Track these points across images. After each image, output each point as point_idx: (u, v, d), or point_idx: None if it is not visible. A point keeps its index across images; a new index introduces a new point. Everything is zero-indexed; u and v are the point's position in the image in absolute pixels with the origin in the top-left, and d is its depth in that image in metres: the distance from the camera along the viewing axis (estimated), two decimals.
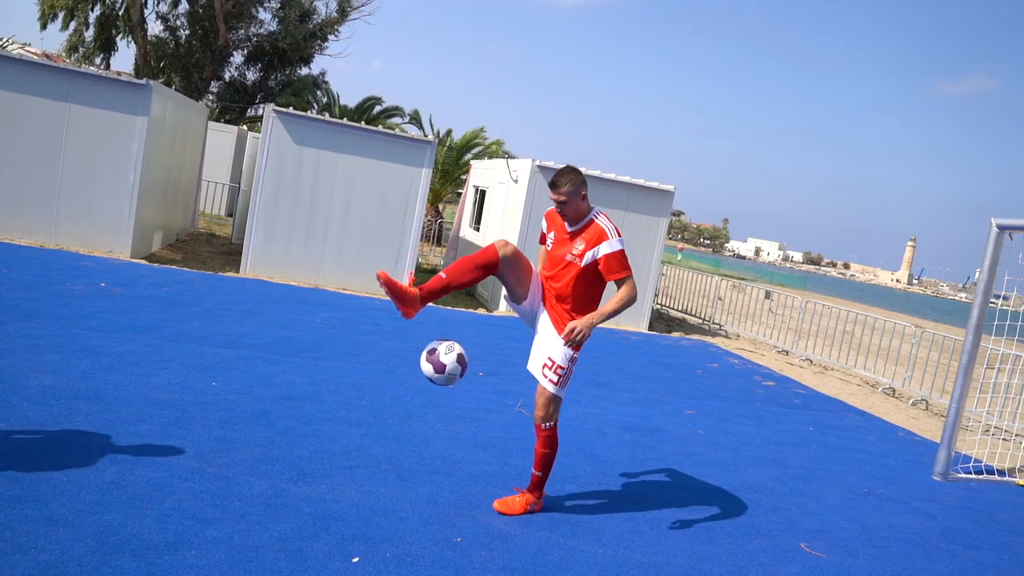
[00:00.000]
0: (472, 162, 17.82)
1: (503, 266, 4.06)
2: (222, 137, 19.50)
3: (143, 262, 10.68)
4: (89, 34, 28.10)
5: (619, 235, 4.17)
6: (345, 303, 10.07)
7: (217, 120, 24.71)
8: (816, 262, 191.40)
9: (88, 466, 3.96)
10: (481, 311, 11.98)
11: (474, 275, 4.07)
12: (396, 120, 25.57)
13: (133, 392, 5.16)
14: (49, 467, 3.88)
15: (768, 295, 18.50)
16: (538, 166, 11.96)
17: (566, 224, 4.24)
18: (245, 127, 24.58)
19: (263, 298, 9.35)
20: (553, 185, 4.14)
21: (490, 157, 20.90)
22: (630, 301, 4.14)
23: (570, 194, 4.11)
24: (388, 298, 4.09)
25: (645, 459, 5.74)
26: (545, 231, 4.40)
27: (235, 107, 29.34)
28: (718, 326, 15.09)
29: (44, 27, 27.87)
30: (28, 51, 38.11)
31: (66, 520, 3.40)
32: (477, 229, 14.93)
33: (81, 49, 28.02)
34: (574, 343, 4.11)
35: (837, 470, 6.33)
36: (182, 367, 5.92)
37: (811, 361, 12.79)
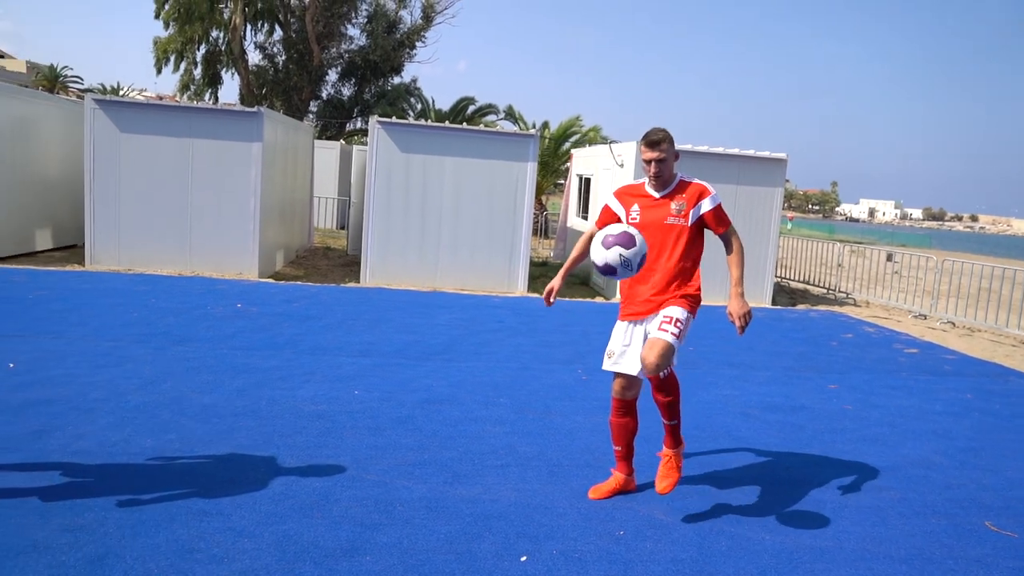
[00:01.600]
0: (573, 151, 17.70)
1: None
2: (327, 153, 20.16)
3: (271, 280, 11.17)
4: (197, 72, 29.64)
5: None
6: (466, 303, 10.20)
7: (319, 138, 25.60)
8: (939, 217, 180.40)
9: (257, 479, 4.15)
10: (599, 299, 11.88)
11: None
12: (491, 118, 25.76)
13: (285, 406, 5.37)
14: (223, 482, 4.08)
15: (891, 257, 17.52)
16: None
17: (652, 191, 4.10)
18: (343, 141, 25.35)
19: (387, 305, 9.59)
20: (653, 144, 3.98)
21: (589, 144, 20.70)
22: (744, 253, 4.14)
23: (669, 152, 4.00)
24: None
25: (795, 439, 5.52)
26: (620, 209, 4.17)
27: (335, 123, 30.29)
28: (845, 294, 14.41)
29: (159, 71, 29.64)
30: (144, 95, 40.70)
31: (248, 531, 3.56)
32: (585, 218, 14.81)
33: (192, 87, 29.59)
34: (746, 325, 3.96)
35: (1010, 440, 5.89)
36: (324, 378, 6.13)
37: (953, 324, 12.01)
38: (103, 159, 11.14)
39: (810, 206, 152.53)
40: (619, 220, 4.16)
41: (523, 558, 3.49)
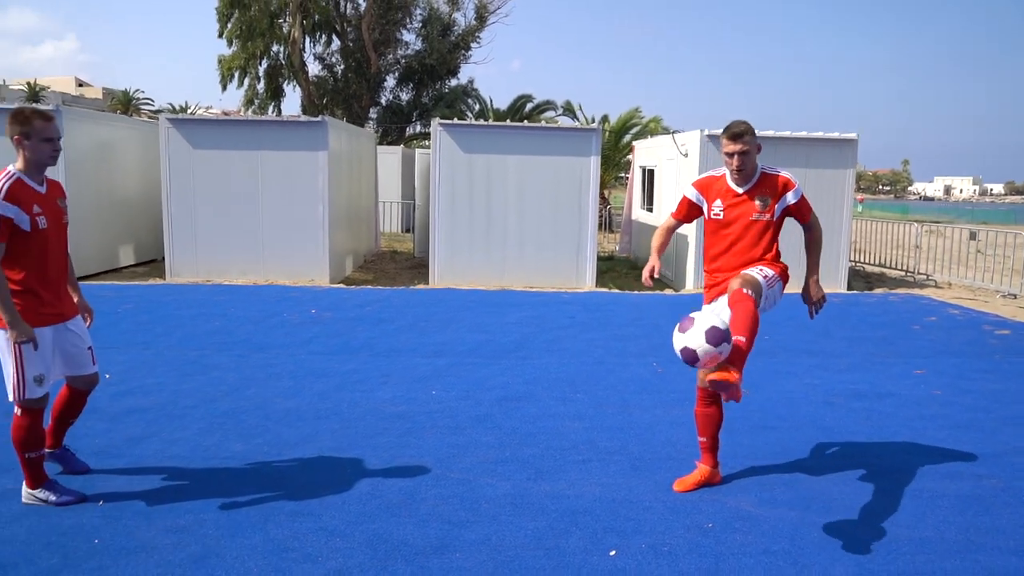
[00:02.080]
0: (634, 143, 17.53)
1: None
2: (389, 158, 20.45)
3: (341, 286, 11.39)
4: (260, 86, 30.47)
5: None
6: (535, 300, 10.20)
7: (380, 143, 26.00)
8: (1023, 192, 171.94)
9: (344, 480, 4.23)
10: (668, 291, 11.74)
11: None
12: (549, 114, 25.72)
13: (366, 408, 5.47)
14: (312, 483, 4.18)
15: (973, 235, 16.78)
16: (708, 136, 11.54)
17: (734, 184, 4.01)
18: (404, 146, 25.68)
19: (457, 305, 9.67)
20: (736, 136, 3.90)
21: (650, 136, 20.47)
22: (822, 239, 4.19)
23: (751, 144, 3.92)
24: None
25: (883, 427, 5.34)
26: (702, 202, 4.09)
27: (395, 128, 30.73)
28: (925, 276, 13.88)
29: (224, 88, 30.62)
30: (210, 112, 42.02)
31: (339, 531, 3.64)
32: (650, 210, 14.66)
33: (256, 101, 30.45)
34: (821, 308, 4.01)
35: None
36: (402, 380, 6.21)
37: None
38: (178, 175, 11.55)
39: (880, 187, 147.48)
40: (700, 212, 4.12)
41: (612, 552, 3.48)
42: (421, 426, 5.11)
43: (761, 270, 3.90)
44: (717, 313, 3.74)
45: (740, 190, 4.01)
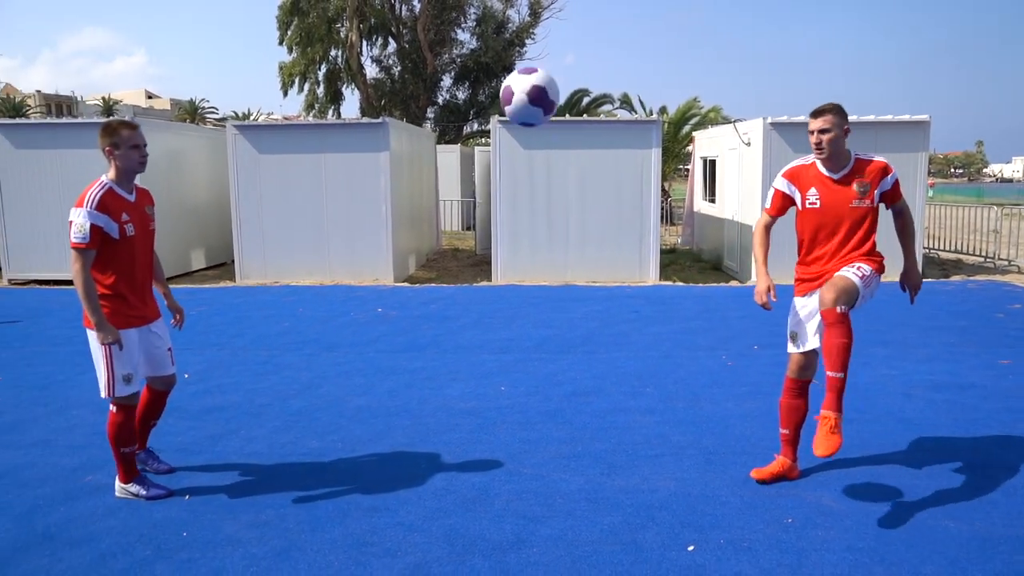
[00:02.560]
0: (694, 134, 17.27)
1: None
2: (448, 157, 20.60)
3: (405, 285, 11.53)
4: (320, 91, 31.08)
5: None
6: (598, 295, 10.15)
7: (438, 142, 26.22)
8: None
9: (419, 476, 4.28)
10: (734, 283, 11.53)
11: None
12: (607, 107, 25.54)
13: (436, 404, 5.53)
14: (387, 479, 4.24)
15: None
16: (771, 124, 11.28)
17: (828, 171, 3.88)
18: (462, 144, 25.84)
19: (521, 302, 9.68)
20: (817, 113, 3.82)
21: (710, 126, 20.14)
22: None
23: (835, 125, 3.79)
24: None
25: (967, 420, 5.13)
26: (794, 192, 3.94)
27: (452, 127, 30.95)
28: (1007, 262, 13.31)
29: (286, 94, 31.34)
30: (271, 118, 43.00)
31: (417, 526, 3.68)
32: (712, 201, 14.42)
33: (316, 105, 31.06)
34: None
35: None
36: (470, 376, 6.25)
37: None
38: (245, 180, 11.85)
39: (952, 170, 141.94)
40: (792, 204, 3.99)
41: (690, 547, 3.43)
42: (491, 422, 5.13)
43: (859, 268, 3.74)
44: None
45: (836, 176, 3.87)
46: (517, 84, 3.88)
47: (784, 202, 4.01)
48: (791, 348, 4.02)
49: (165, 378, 4.17)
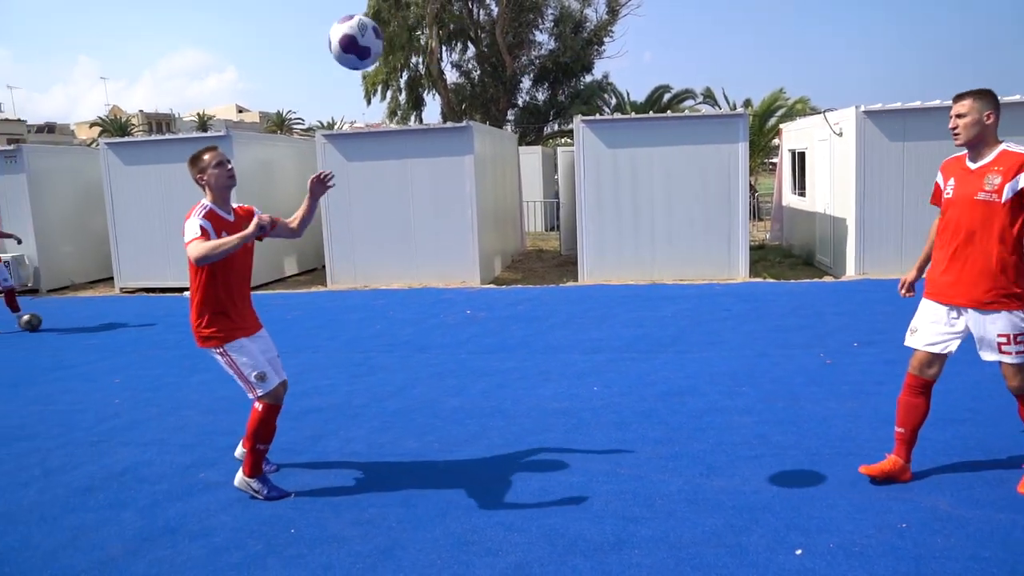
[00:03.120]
0: (781, 126, 16.78)
1: None
2: (530, 159, 20.66)
3: (492, 286, 11.62)
4: (402, 98, 31.67)
5: None
6: (687, 293, 9.98)
7: (519, 144, 26.33)
8: None
9: (516, 475, 4.30)
10: (828, 279, 11.14)
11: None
12: (689, 103, 25.11)
13: (529, 405, 5.54)
14: (485, 479, 4.28)
15: None
16: (865, 112, 10.85)
17: (969, 161, 3.67)
18: (542, 145, 25.86)
19: (609, 301, 9.62)
20: (957, 97, 3.59)
21: (797, 117, 19.53)
22: None
23: (974, 110, 3.52)
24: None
25: None
26: (941, 183, 3.78)
27: (533, 128, 31.03)
28: None
29: (369, 102, 32.07)
30: (354, 126, 44.10)
31: (516, 525, 3.70)
32: (802, 194, 13.97)
33: (398, 112, 31.67)
34: None
35: None
36: (562, 376, 6.25)
37: None
38: (335, 187, 12.16)
39: None
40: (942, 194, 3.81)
41: (798, 551, 3.33)
42: (586, 422, 5.11)
43: (1011, 339, 3.55)
44: None
45: (973, 166, 3.63)
46: (333, 33, 3.82)
47: (936, 192, 3.84)
48: (908, 340, 3.86)
49: (283, 382, 4.25)
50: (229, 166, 4.01)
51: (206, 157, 3.97)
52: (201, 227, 3.83)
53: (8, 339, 9.28)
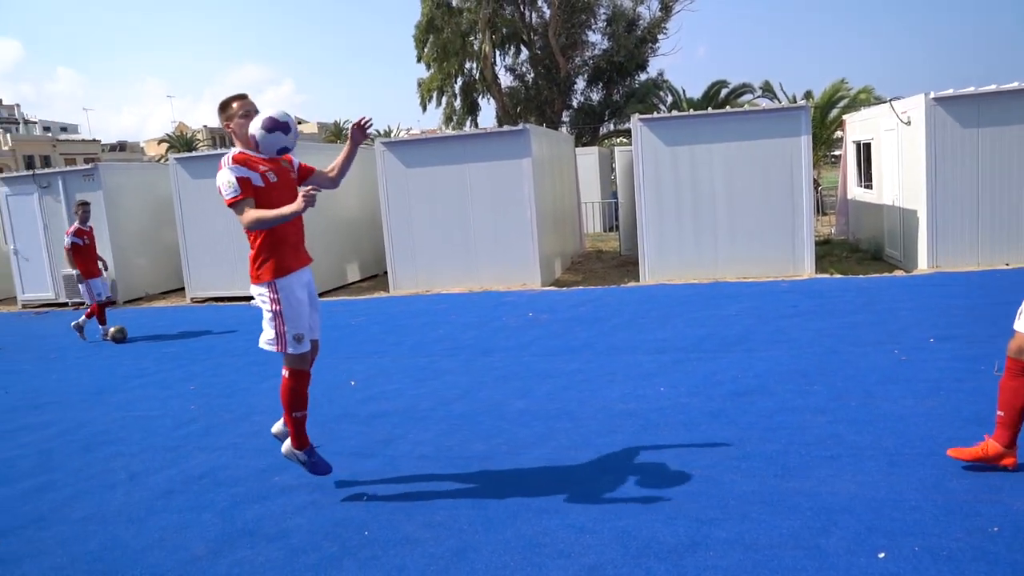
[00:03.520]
0: (845, 117, 16.35)
1: None
2: (587, 160, 20.59)
3: (553, 288, 11.61)
4: (457, 103, 31.94)
5: None
6: (753, 291, 9.79)
7: (575, 145, 26.24)
8: None
9: (585, 477, 4.28)
10: (899, 273, 10.79)
11: None
12: (747, 97, 24.67)
13: (595, 407, 5.52)
14: (554, 480, 4.27)
15: None
16: (935, 99, 10.48)
17: None
18: (598, 146, 25.73)
19: (671, 301, 9.51)
20: None
21: (861, 107, 19.00)
22: None
23: None
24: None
25: None
26: None
27: (588, 129, 30.92)
28: None
29: (425, 109, 32.46)
30: (410, 133, 44.62)
31: (587, 527, 3.68)
32: (868, 187, 13.58)
33: (454, 118, 31.95)
34: None
35: None
36: (627, 377, 6.20)
37: None
38: (395, 194, 12.37)
39: None
40: None
41: (881, 555, 3.22)
42: (654, 423, 5.06)
43: None
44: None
45: None
46: (253, 127, 3.89)
47: None
48: (1016, 324, 3.73)
49: (313, 343, 4.20)
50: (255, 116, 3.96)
51: (234, 105, 3.98)
52: (238, 178, 3.81)
53: (92, 349, 9.68)
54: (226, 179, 3.83)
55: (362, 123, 4.19)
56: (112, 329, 9.85)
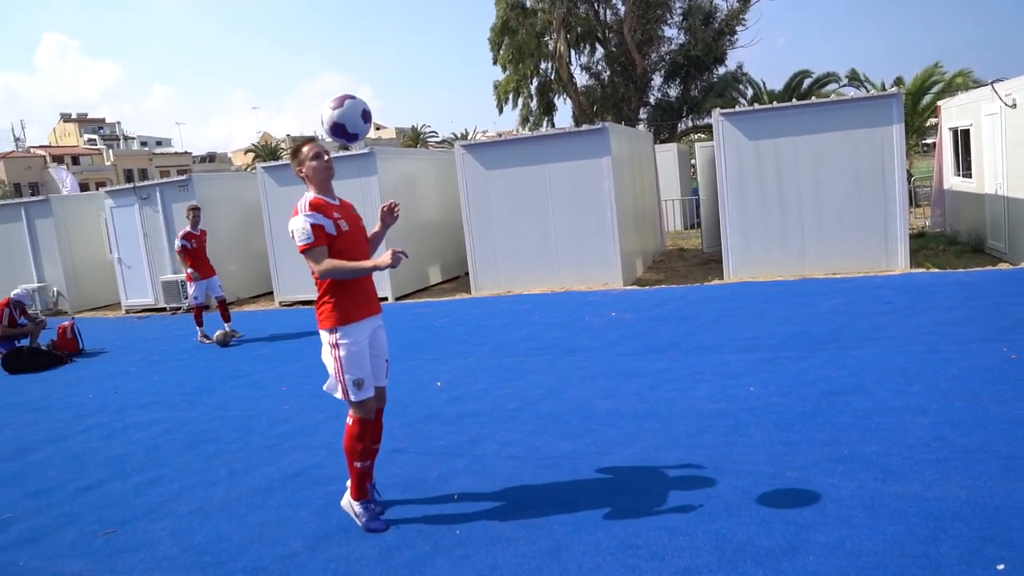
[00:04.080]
0: (939, 103, 15.62)
1: None
2: (665, 156, 20.31)
3: (635, 287, 11.49)
4: (533, 104, 32.01)
5: None
6: (842, 287, 9.46)
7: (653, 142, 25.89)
8: None
9: (676, 478, 4.22)
10: (1003, 266, 10.22)
11: None
12: (832, 87, 23.82)
13: (683, 407, 5.43)
14: (645, 481, 4.22)
15: None
16: None
17: None
18: (677, 143, 25.33)
19: (758, 299, 9.28)
20: None
21: (958, 92, 18.09)
22: None
23: None
24: None
25: None
26: None
27: (666, 126, 30.49)
28: None
29: (501, 111, 32.68)
30: (486, 135, 45.01)
31: (681, 529, 3.63)
32: (967, 175, 12.92)
33: (530, 119, 32.02)
34: None
35: None
36: (715, 377, 6.08)
37: None
38: (475, 196, 12.48)
39: None
40: None
41: (1000, 566, 3.06)
42: (744, 423, 4.95)
43: None
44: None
45: None
46: (324, 115, 3.89)
47: None
48: None
49: (379, 391, 4.13)
50: (326, 157, 4.01)
51: (304, 149, 4.00)
52: (312, 225, 3.81)
53: (191, 351, 10.13)
54: (300, 225, 3.84)
55: (391, 207, 4.20)
56: (219, 333, 10.24)
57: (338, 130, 3.87)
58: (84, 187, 49.52)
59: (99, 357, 10.53)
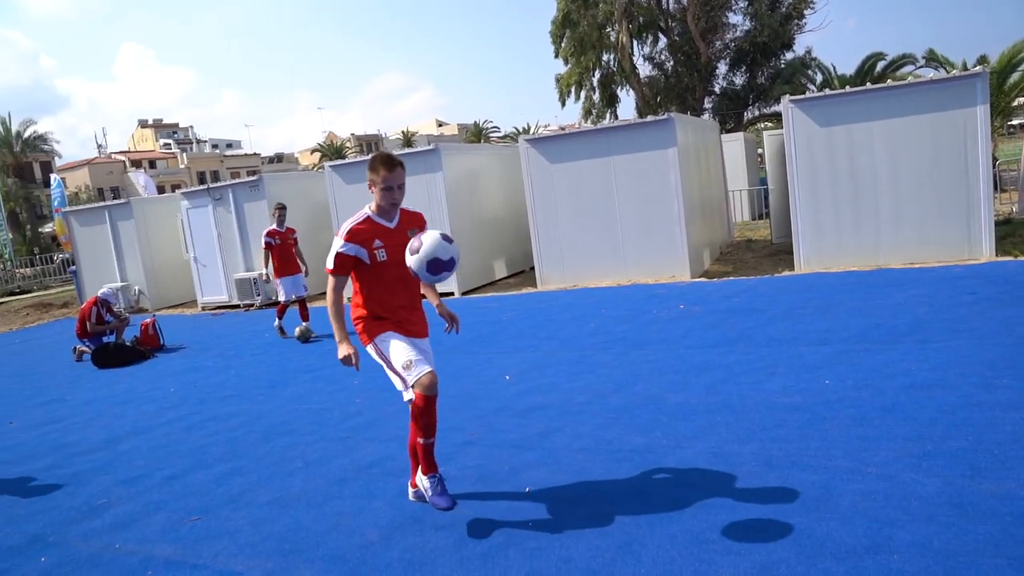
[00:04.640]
0: None
1: None
2: (732, 147, 19.92)
3: (703, 279, 11.32)
4: (596, 96, 31.80)
5: None
6: (921, 277, 9.12)
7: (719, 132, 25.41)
8: None
9: (750, 473, 4.14)
10: None
11: None
12: (908, 69, 22.93)
13: (756, 400, 5.33)
14: (716, 475, 4.16)
15: None
16: None
17: None
18: (743, 132, 24.80)
19: (831, 290, 9.03)
20: None
21: None
22: None
23: None
24: None
25: None
26: None
27: (732, 115, 29.88)
28: None
29: (563, 104, 32.57)
30: (548, 129, 44.91)
31: (756, 524, 3.57)
32: None
33: (593, 111, 31.82)
34: None
35: None
36: (789, 369, 5.95)
37: None
38: (540, 190, 12.48)
39: None
40: None
41: None
42: (820, 417, 4.82)
43: None
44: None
45: None
46: (412, 264, 3.84)
47: None
48: None
49: (431, 371, 4.11)
50: (396, 193, 4.02)
51: (381, 173, 3.98)
52: (338, 254, 3.97)
53: (265, 346, 10.43)
54: (333, 250, 4.03)
55: (451, 326, 4.29)
56: (299, 329, 10.48)
57: (436, 266, 3.82)
58: (160, 189, 51.49)
59: (179, 352, 10.93)
